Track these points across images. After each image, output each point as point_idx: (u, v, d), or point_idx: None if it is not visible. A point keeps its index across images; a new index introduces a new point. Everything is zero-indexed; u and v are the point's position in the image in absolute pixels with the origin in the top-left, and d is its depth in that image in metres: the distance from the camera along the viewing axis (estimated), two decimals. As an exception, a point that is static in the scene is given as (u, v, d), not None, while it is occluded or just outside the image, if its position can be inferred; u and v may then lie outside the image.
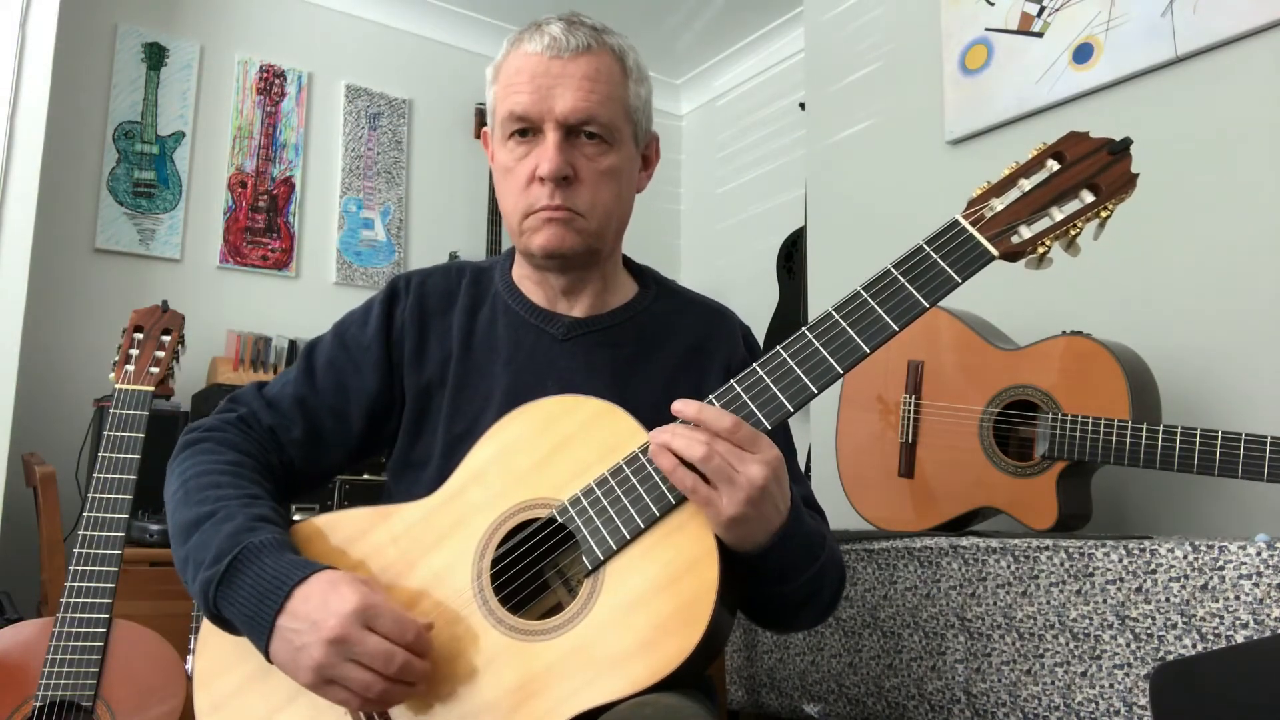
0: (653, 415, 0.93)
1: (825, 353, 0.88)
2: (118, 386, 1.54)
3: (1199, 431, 1.36)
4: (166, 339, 1.60)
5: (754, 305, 3.23)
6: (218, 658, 0.97)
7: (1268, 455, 1.30)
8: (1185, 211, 1.80)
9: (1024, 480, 1.55)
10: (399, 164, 3.60)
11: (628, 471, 0.90)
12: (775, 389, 0.89)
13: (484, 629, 0.90)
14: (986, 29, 2.18)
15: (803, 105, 2.85)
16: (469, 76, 3.80)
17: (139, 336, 1.59)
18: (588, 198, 1.03)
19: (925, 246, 0.89)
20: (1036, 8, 2.09)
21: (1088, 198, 0.88)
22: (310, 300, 3.35)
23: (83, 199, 2.97)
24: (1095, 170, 0.88)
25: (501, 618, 0.90)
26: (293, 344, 2.98)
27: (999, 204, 0.89)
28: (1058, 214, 0.88)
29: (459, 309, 1.13)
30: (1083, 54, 1.98)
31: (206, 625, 0.98)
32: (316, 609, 0.83)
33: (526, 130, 1.03)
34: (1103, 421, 1.45)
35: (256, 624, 0.86)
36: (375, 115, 3.58)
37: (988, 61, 2.16)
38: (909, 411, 1.70)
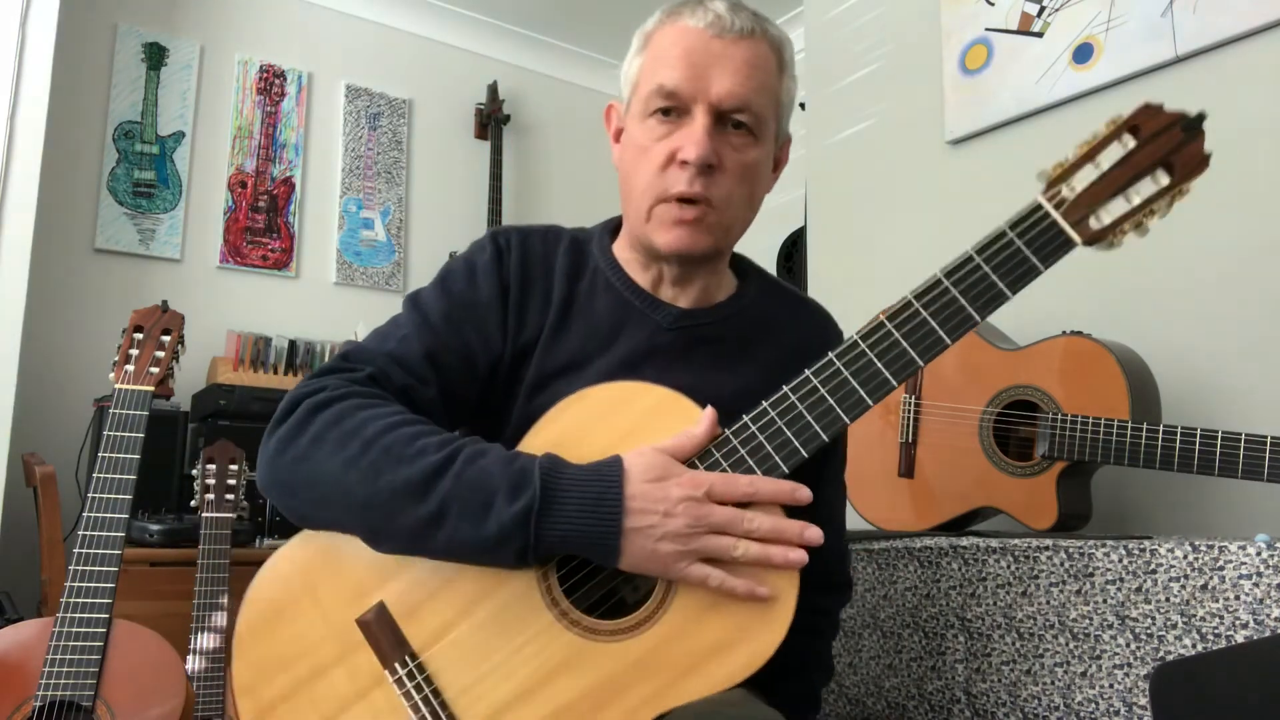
0: (742, 410, 0.89)
1: (906, 344, 0.85)
2: (118, 386, 1.54)
3: (1199, 431, 1.36)
4: (166, 339, 1.60)
5: (754, 305, 3.23)
6: (260, 664, 0.91)
7: (1268, 455, 1.30)
8: (1185, 211, 1.79)
9: (1024, 480, 1.55)
10: (399, 164, 3.60)
11: (700, 468, 0.87)
12: (854, 382, 0.86)
13: (555, 630, 0.86)
14: (986, 29, 2.18)
15: (803, 105, 2.85)
16: (469, 76, 3.80)
17: (139, 336, 1.59)
18: (726, 190, 0.97)
19: (1008, 231, 0.85)
20: (1036, 8, 2.09)
21: (1163, 179, 0.84)
22: (310, 300, 3.35)
23: (83, 199, 2.97)
24: (1170, 148, 0.84)
25: (576, 619, 0.87)
26: (292, 344, 2.98)
27: (1078, 184, 0.85)
28: (1135, 197, 0.84)
29: (559, 273, 1.04)
30: (1083, 54, 1.98)
31: (241, 631, 0.93)
32: (656, 503, 0.82)
33: (671, 110, 0.96)
34: (1103, 421, 1.45)
35: (602, 537, 0.82)
36: (375, 115, 3.58)
37: (988, 61, 2.16)
38: (909, 411, 1.70)
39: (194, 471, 1.93)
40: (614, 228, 1.10)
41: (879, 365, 0.85)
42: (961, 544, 1.34)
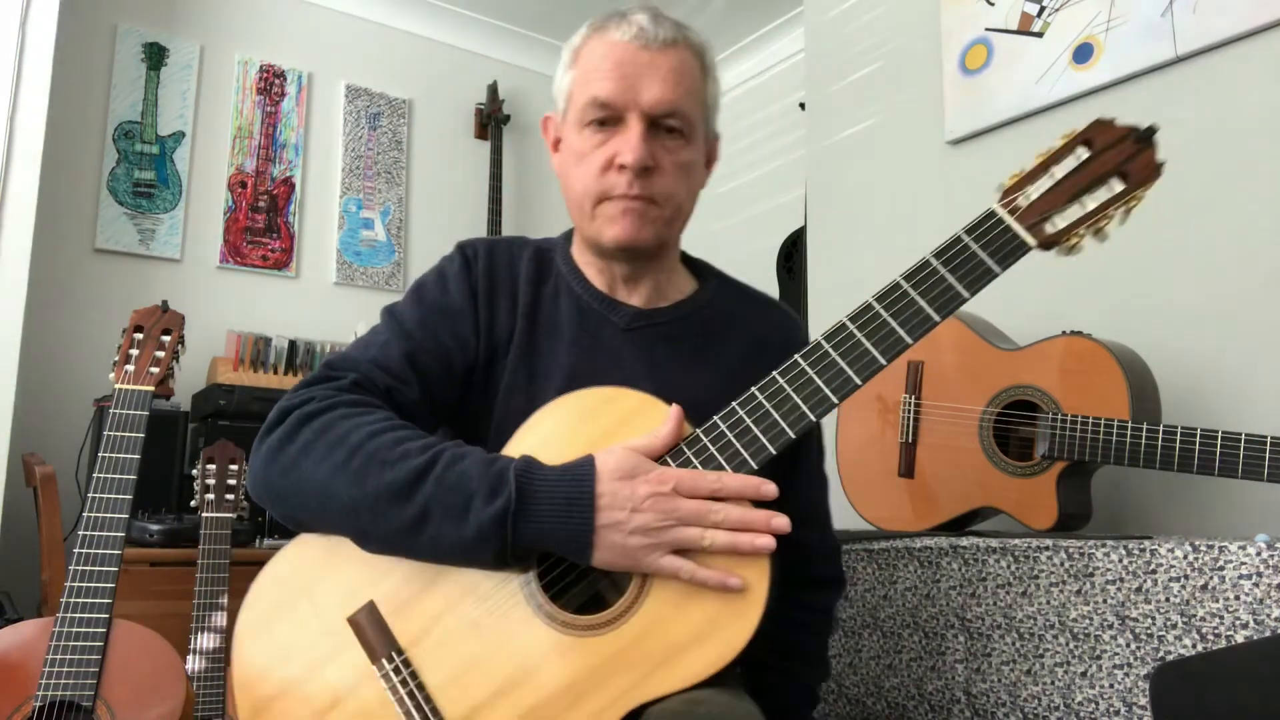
0: (711, 410, 0.93)
1: (868, 344, 0.89)
2: (118, 386, 1.54)
3: (1199, 431, 1.36)
4: (166, 339, 1.60)
5: (754, 305, 3.22)
6: (257, 661, 0.95)
7: (1268, 455, 1.30)
8: (1185, 211, 1.80)
9: (1024, 480, 1.55)
10: (399, 164, 3.60)
11: (672, 465, 0.90)
12: (819, 381, 0.89)
13: (535, 626, 0.89)
14: (986, 29, 2.18)
15: (803, 105, 2.85)
16: (469, 76, 3.80)
17: (139, 336, 1.59)
18: (665, 188, 1.02)
19: (964, 236, 0.89)
20: (1036, 8, 2.09)
21: (1116, 186, 0.89)
22: (310, 300, 3.35)
23: (83, 199, 2.97)
24: (1123, 159, 0.89)
25: (552, 614, 0.89)
26: (292, 344, 2.98)
27: (1034, 192, 0.90)
28: (1090, 203, 0.89)
29: (524, 280, 1.10)
30: (1083, 54, 1.98)
31: (240, 631, 0.96)
32: (624, 500, 0.85)
33: (606, 119, 1.02)
34: (1103, 421, 1.45)
35: (575, 535, 0.86)
36: (375, 115, 3.58)
37: (988, 61, 2.16)
38: (909, 411, 1.70)
39: (194, 471, 1.93)
40: (575, 235, 1.15)
41: (843, 365, 0.89)
42: (961, 544, 1.34)
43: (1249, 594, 1.04)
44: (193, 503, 1.90)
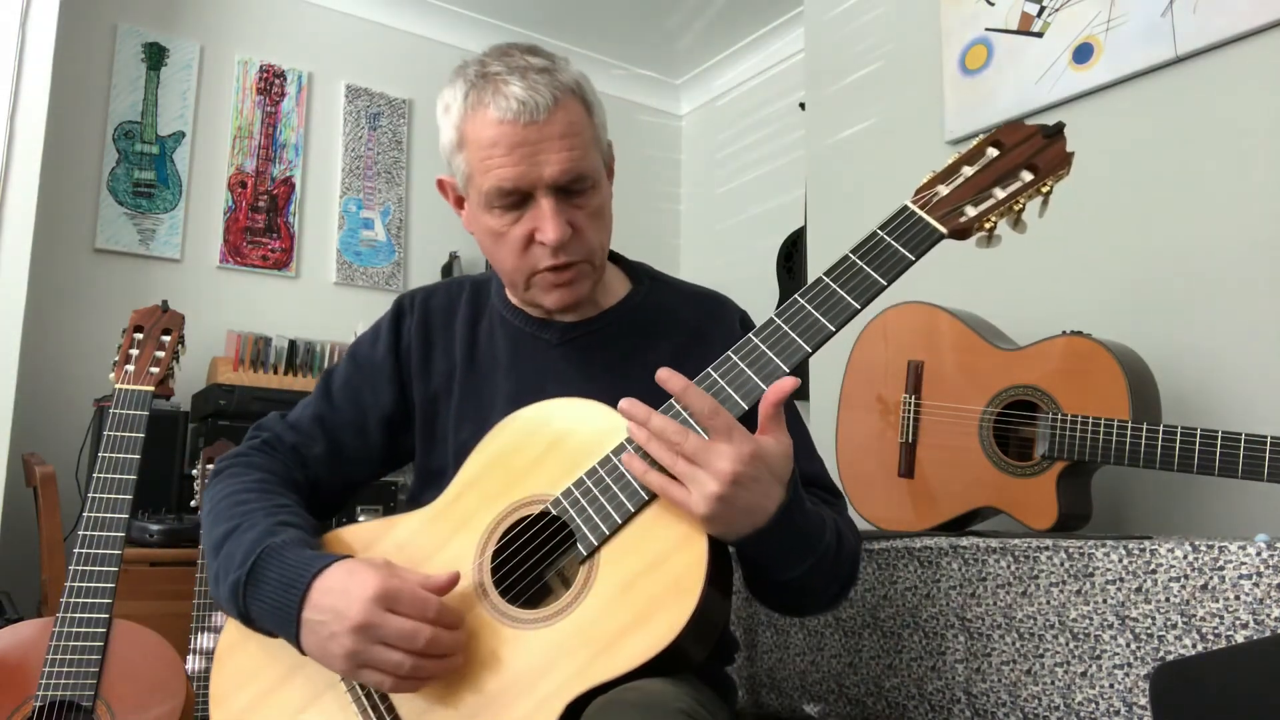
0: (655, 406, 0.93)
1: (794, 335, 0.92)
2: (118, 386, 1.54)
3: (1199, 431, 1.36)
4: (166, 339, 1.60)
5: (754, 305, 3.22)
6: (233, 675, 1.00)
7: (1268, 455, 1.30)
8: (1185, 211, 1.80)
9: (1024, 480, 1.55)
10: (399, 164, 3.60)
11: (615, 461, 0.92)
12: (749, 371, 0.92)
13: (486, 622, 0.92)
14: (986, 29, 2.18)
15: (803, 105, 2.85)
16: (469, 76, 3.80)
17: (139, 336, 1.59)
18: (587, 245, 1.05)
19: (879, 231, 0.95)
20: (1036, 8, 2.09)
21: (1027, 177, 0.93)
22: (310, 300, 3.35)
23: (83, 199, 2.97)
24: (1032, 152, 0.93)
25: (503, 610, 0.92)
26: (292, 344, 2.98)
27: (945, 189, 0.96)
28: (1000, 193, 0.93)
29: (460, 321, 1.17)
30: (1083, 54, 1.98)
31: (220, 649, 1.03)
32: (339, 599, 0.86)
33: (513, 202, 1.02)
34: (1103, 421, 1.45)
35: (284, 619, 0.89)
36: (375, 115, 3.58)
37: (988, 61, 2.16)
38: (909, 411, 1.70)
39: (194, 471, 1.93)
40: None
41: (770, 355, 0.92)
42: (961, 544, 1.34)
43: (1249, 594, 1.04)
44: (193, 503, 1.90)
